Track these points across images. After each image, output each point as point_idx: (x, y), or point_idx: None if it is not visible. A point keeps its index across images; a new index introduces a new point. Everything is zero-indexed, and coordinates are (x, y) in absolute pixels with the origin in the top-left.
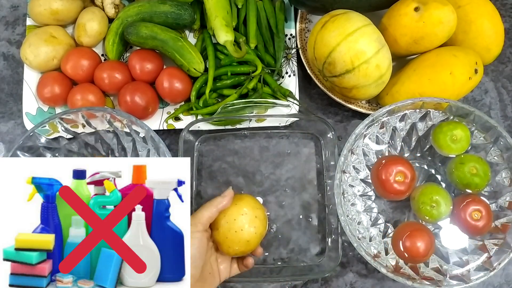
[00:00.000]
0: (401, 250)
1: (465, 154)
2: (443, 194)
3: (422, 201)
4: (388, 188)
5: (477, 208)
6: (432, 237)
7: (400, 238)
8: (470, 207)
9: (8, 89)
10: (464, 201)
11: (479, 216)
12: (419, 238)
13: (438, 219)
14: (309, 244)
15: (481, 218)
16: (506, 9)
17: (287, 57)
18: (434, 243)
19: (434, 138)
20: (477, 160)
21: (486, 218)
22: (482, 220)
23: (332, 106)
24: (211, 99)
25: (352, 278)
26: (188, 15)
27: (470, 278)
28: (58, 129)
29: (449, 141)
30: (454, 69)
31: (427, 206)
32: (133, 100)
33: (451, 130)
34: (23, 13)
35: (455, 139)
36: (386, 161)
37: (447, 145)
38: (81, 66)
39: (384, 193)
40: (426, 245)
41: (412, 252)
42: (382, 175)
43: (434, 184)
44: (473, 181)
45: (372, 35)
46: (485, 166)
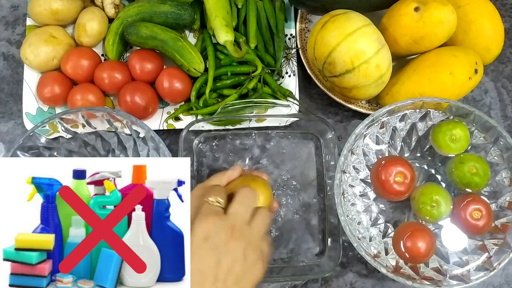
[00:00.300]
0: (402, 250)
1: (464, 154)
2: (443, 193)
3: (422, 201)
4: (388, 188)
5: (477, 207)
6: (433, 237)
7: (401, 238)
8: (470, 207)
9: (8, 89)
10: (464, 200)
11: (479, 215)
12: (420, 238)
13: (438, 219)
14: (309, 244)
15: (481, 218)
16: (506, 9)
17: (287, 57)
18: (435, 243)
19: (434, 138)
20: (476, 159)
21: (486, 217)
22: (482, 219)
23: (332, 106)
24: (211, 99)
25: (352, 278)
26: (188, 15)
27: (470, 278)
28: (58, 129)
29: (449, 140)
30: (454, 69)
31: (427, 206)
32: (133, 100)
33: (450, 129)
34: (23, 13)
35: (454, 139)
36: (385, 162)
37: (446, 145)
38: (81, 66)
39: (384, 193)
40: (427, 245)
41: (413, 252)
42: (381, 176)
43: (434, 184)
44: (473, 180)
45: (372, 35)
46: (485, 165)
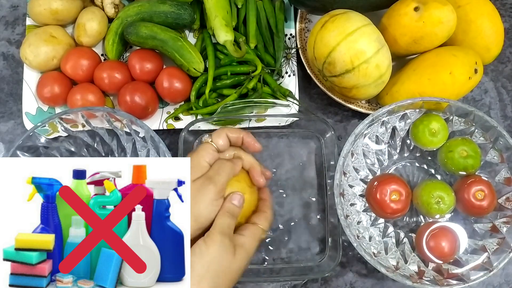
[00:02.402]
0: (426, 250)
1: (449, 141)
2: (441, 186)
3: (427, 202)
4: (385, 208)
5: (480, 188)
6: (455, 234)
7: (422, 238)
8: (472, 188)
9: (8, 89)
10: (465, 183)
11: (483, 195)
12: (443, 238)
13: (448, 210)
14: (309, 244)
15: (485, 198)
16: (506, 9)
17: (287, 57)
18: (458, 240)
19: (415, 138)
20: (463, 142)
21: (490, 196)
22: (486, 199)
23: (332, 106)
24: (211, 99)
25: (352, 278)
26: (188, 15)
27: (470, 278)
28: (58, 129)
29: (429, 136)
30: (453, 69)
31: (433, 205)
32: (133, 100)
33: (427, 125)
34: (23, 13)
35: (434, 132)
36: (378, 182)
37: (429, 141)
38: (81, 66)
39: (382, 213)
40: (451, 244)
41: (437, 252)
42: (377, 196)
43: (427, 181)
44: (468, 163)
45: (372, 35)
46: (472, 145)
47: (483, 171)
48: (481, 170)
